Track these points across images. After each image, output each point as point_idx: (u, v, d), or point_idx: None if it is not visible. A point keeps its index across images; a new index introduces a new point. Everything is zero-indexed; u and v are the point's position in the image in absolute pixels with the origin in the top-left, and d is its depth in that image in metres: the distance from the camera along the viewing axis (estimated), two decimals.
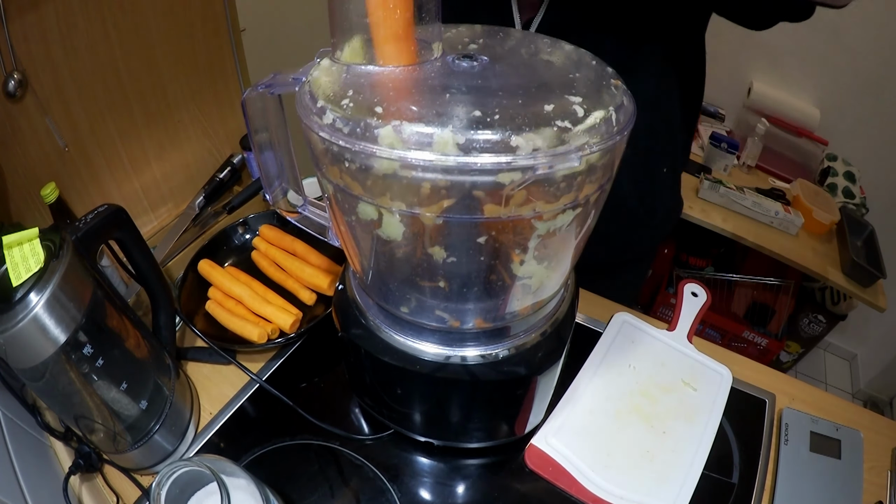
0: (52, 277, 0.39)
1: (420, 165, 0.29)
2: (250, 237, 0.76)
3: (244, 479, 0.41)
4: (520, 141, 0.29)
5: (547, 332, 0.46)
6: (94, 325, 0.43)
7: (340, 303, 0.49)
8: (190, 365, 0.63)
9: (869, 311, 1.42)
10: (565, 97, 0.32)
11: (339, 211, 0.37)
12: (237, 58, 0.86)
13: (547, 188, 0.31)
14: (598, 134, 0.31)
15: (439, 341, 0.43)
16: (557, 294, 0.47)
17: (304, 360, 0.64)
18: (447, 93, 0.31)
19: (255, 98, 0.40)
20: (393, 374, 0.46)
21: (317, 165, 0.36)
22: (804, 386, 0.65)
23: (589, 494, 0.51)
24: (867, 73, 1.49)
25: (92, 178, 0.73)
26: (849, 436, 0.57)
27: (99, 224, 0.49)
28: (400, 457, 0.55)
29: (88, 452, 0.50)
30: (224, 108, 0.88)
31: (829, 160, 1.61)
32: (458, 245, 0.34)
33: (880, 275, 1.35)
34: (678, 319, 0.68)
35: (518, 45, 0.39)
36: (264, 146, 0.44)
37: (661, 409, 0.58)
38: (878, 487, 0.55)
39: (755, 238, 1.40)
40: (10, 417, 0.50)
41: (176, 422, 0.53)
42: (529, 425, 0.53)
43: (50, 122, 0.64)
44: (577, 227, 0.36)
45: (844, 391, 1.94)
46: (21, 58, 0.58)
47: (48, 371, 0.41)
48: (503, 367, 0.44)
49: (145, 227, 0.82)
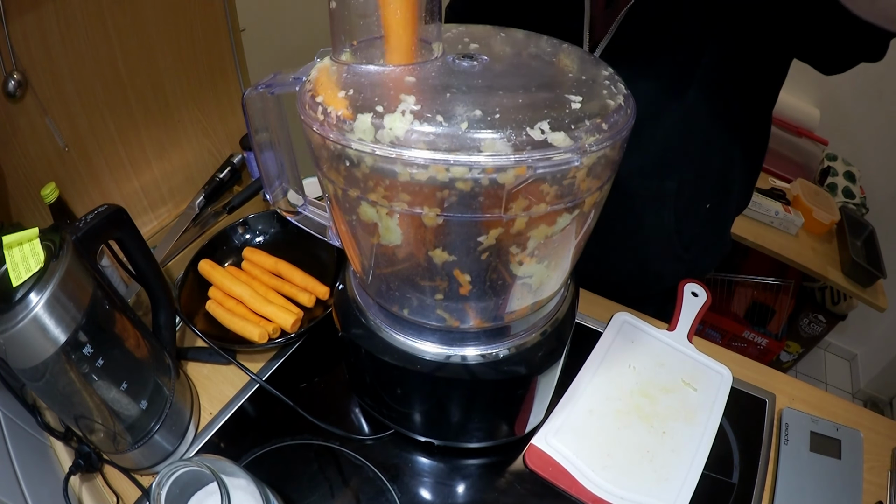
0: (52, 277, 0.39)
1: (420, 165, 0.29)
2: (250, 237, 0.76)
3: (244, 479, 0.41)
4: (520, 140, 0.29)
5: (547, 332, 0.46)
6: (94, 325, 0.43)
7: (340, 302, 0.49)
8: (190, 365, 0.63)
9: (869, 311, 1.42)
10: (566, 97, 0.32)
11: (340, 211, 0.37)
12: (237, 58, 0.86)
13: (547, 188, 0.31)
14: (599, 134, 0.31)
15: (439, 341, 0.43)
16: (557, 294, 0.47)
17: (304, 360, 0.64)
18: (448, 92, 0.31)
19: (255, 98, 0.40)
20: (393, 374, 0.46)
21: (317, 165, 0.36)
22: (804, 386, 0.65)
23: (589, 494, 0.51)
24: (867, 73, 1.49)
25: (92, 178, 0.73)
26: (849, 436, 0.57)
27: (99, 224, 0.49)
28: (400, 457, 0.55)
29: (88, 452, 0.50)
30: (224, 108, 0.88)
31: (829, 160, 1.61)
32: (458, 244, 0.34)
33: (880, 275, 1.35)
34: (678, 319, 0.68)
35: (519, 45, 0.39)
36: (264, 146, 0.44)
37: (662, 409, 0.58)
38: (878, 487, 0.55)
39: (755, 238, 1.40)
40: (10, 417, 0.50)
41: (176, 422, 0.53)
42: (529, 425, 0.53)
43: (50, 122, 0.64)
44: (578, 227, 0.36)
45: (844, 391, 1.94)
46: (21, 58, 0.58)
47: (48, 371, 0.41)
48: (503, 367, 0.44)
49: (145, 227, 0.82)
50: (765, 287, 1.68)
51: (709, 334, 1.64)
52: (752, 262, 1.72)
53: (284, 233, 0.76)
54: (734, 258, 1.79)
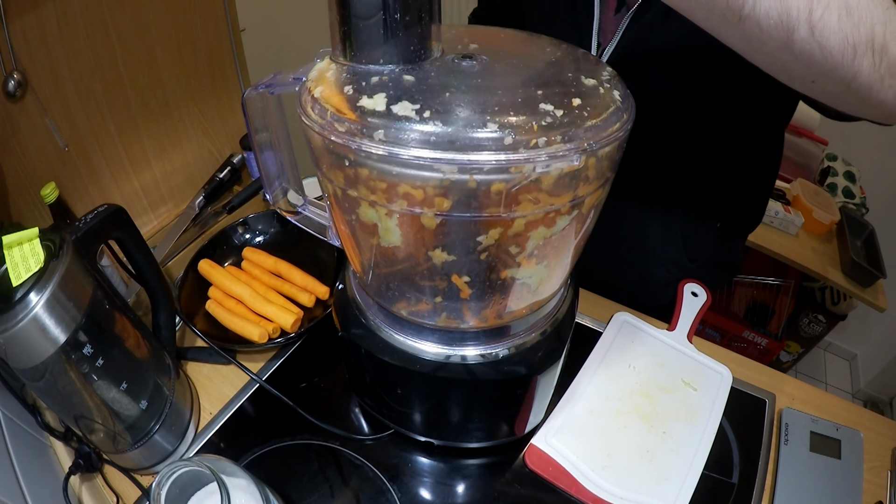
0: (52, 277, 0.39)
1: (420, 164, 0.29)
2: (250, 237, 0.76)
3: (244, 479, 0.41)
4: (520, 140, 0.29)
5: (547, 332, 0.46)
6: (94, 325, 0.43)
7: (340, 302, 0.49)
8: (190, 365, 0.63)
9: (869, 311, 1.42)
10: (566, 97, 0.32)
11: (340, 211, 0.37)
12: (237, 58, 0.86)
13: (546, 188, 0.31)
14: (599, 133, 0.31)
15: (439, 341, 0.43)
16: (557, 294, 0.47)
17: (304, 360, 0.64)
18: (447, 92, 0.31)
19: (255, 98, 0.40)
20: (393, 374, 0.46)
21: (317, 165, 0.36)
22: (804, 386, 0.65)
23: (589, 494, 0.51)
24: None
25: (92, 178, 0.73)
26: (849, 436, 0.57)
27: (99, 224, 0.49)
28: (400, 457, 0.55)
29: (88, 452, 0.50)
30: (224, 108, 0.88)
31: (829, 160, 1.61)
32: (457, 244, 0.34)
33: (880, 275, 1.35)
34: (678, 319, 0.68)
35: (519, 45, 0.39)
36: (264, 146, 0.44)
37: (662, 409, 0.58)
38: (878, 487, 0.55)
39: (755, 238, 1.40)
40: (10, 417, 0.50)
41: (176, 422, 0.53)
42: (529, 425, 0.53)
43: (50, 122, 0.64)
44: (577, 227, 0.36)
45: (844, 391, 1.94)
46: (21, 58, 0.58)
47: (48, 371, 0.41)
48: (503, 367, 0.44)
49: (145, 227, 0.82)
50: (765, 287, 1.68)
51: (709, 334, 1.64)
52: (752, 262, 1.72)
53: (284, 233, 0.76)
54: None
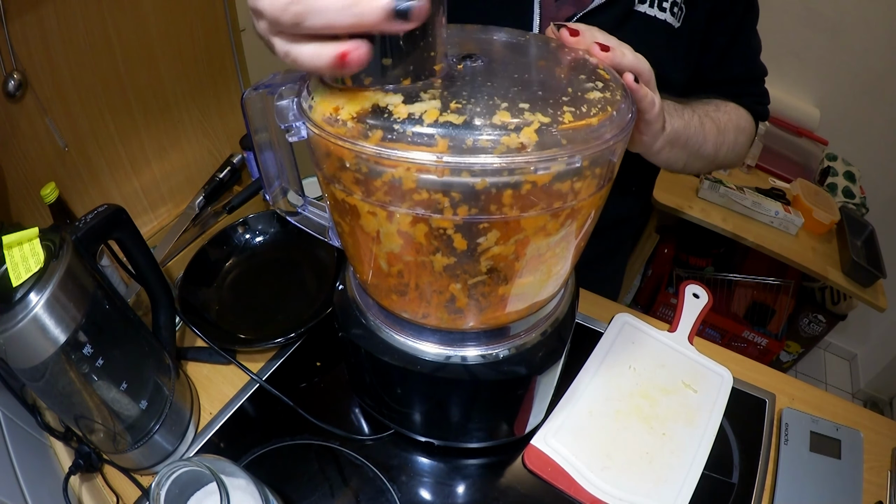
0: (52, 277, 0.39)
1: (419, 165, 0.29)
2: (250, 237, 0.76)
3: (244, 479, 0.41)
4: (520, 140, 0.28)
5: (547, 332, 0.46)
6: (93, 325, 0.43)
7: (340, 303, 0.49)
8: (190, 365, 0.63)
9: (869, 311, 1.42)
10: (566, 97, 0.32)
11: (339, 211, 0.37)
12: (237, 58, 0.86)
13: (547, 188, 0.31)
14: (599, 133, 0.31)
15: (439, 341, 0.43)
16: (557, 294, 0.47)
17: (304, 360, 0.64)
18: (447, 92, 0.31)
19: (255, 98, 0.40)
20: (393, 374, 0.46)
21: (317, 166, 0.36)
22: (804, 386, 0.65)
23: (588, 495, 0.51)
24: (867, 73, 1.49)
25: (92, 178, 0.73)
26: (849, 436, 0.57)
27: (99, 224, 0.49)
28: (400, 457, 0.55)
29: (88, 452, 0.50)
30: (224, 108, 0.88)
31: (829, 160, 1.61)
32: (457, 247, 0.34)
33: (880, 275, 1.35)
34: (679, 320, 0.68)
35: (518, 46, 0.39)
36: (264, 146, 0.44)
37: (662, 410, 0.58)
38: (878, 487, 0.55)
39: (755, 238, 1.40)
40: (10, 417, 0.50)
41: (176, 422, 0.53)
42: (529, 425, 0.53)
43: (50, 122, 0.64)
44: (578, 227, 0.36)
45: (844, 391, 1.94)
46: (21, 58, 0.58)
47: (48, 371, 0.41)
48: (503, 367, 0.44)
49: (145, 227, 0.82)
50: (765, 287, 1.68)
51: (709, 334, 1.64)
52: (752, 262, 1.72)
53: (284, 233, 0.76)
54: (734, 258, 1.80)
